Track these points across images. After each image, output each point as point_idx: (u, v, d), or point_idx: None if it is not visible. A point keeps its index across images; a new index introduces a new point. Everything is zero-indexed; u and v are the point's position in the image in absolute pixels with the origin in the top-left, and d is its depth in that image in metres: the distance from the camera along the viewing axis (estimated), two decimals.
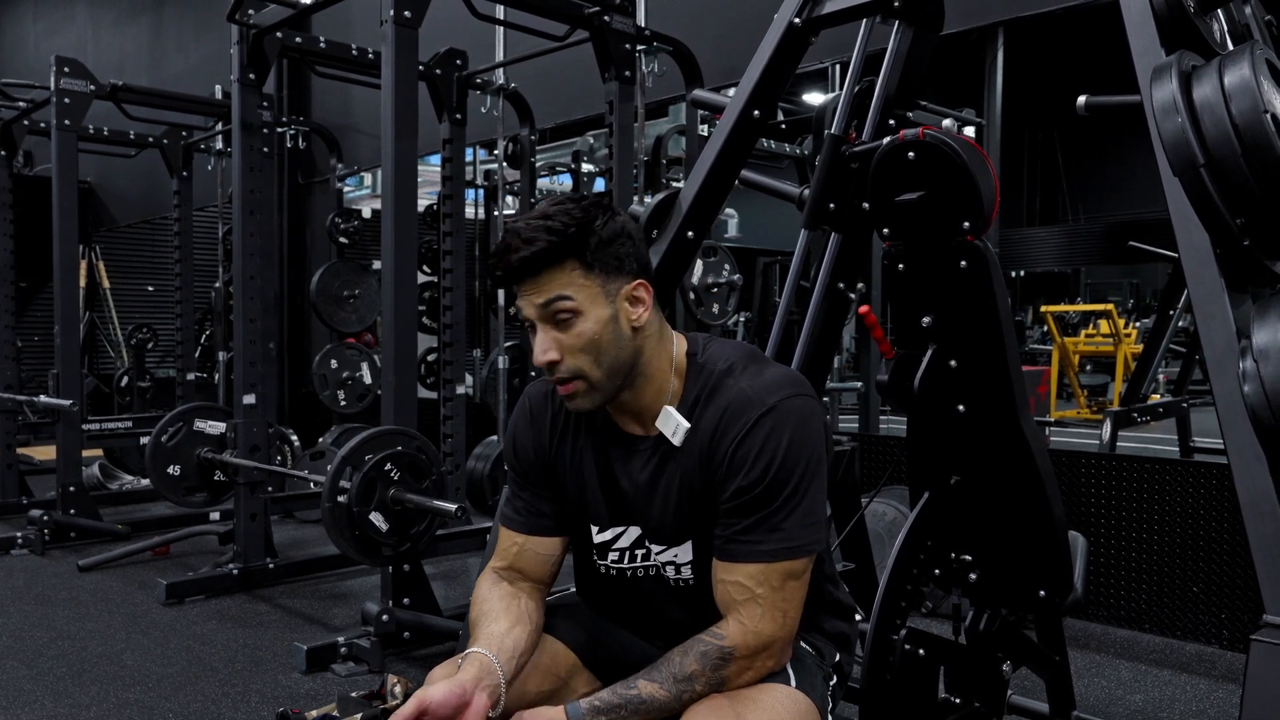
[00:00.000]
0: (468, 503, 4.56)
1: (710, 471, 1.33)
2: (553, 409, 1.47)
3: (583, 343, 1.30)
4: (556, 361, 1.31)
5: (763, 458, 1.28)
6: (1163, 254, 5.74)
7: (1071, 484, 3.45)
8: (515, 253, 1.28)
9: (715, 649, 1.28)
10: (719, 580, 1.32)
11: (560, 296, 1.29)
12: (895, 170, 1.65)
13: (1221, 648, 3.13)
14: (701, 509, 1.35)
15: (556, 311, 1.30)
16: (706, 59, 4.17)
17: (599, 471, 1.42)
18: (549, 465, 1.46)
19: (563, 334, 1.30)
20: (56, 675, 2.90)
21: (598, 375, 1.31)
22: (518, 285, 1.32)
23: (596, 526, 1.45)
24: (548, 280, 1.29)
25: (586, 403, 1.34)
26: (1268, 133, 1.36)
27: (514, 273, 1.30)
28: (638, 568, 1.44)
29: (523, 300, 1.32)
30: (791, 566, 1.29)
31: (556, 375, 1.32)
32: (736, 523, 1.30)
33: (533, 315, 1.31)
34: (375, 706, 1.46)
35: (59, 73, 4.69)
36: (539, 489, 1.48)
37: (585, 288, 1.30)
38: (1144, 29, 1.56)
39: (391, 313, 3.07)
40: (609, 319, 1.31)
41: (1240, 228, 1.41)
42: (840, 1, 1.98)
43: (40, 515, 4.58)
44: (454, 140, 4.57)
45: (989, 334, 1.64)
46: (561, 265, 1.29)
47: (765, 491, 1.28)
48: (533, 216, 1.30)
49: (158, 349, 7.93)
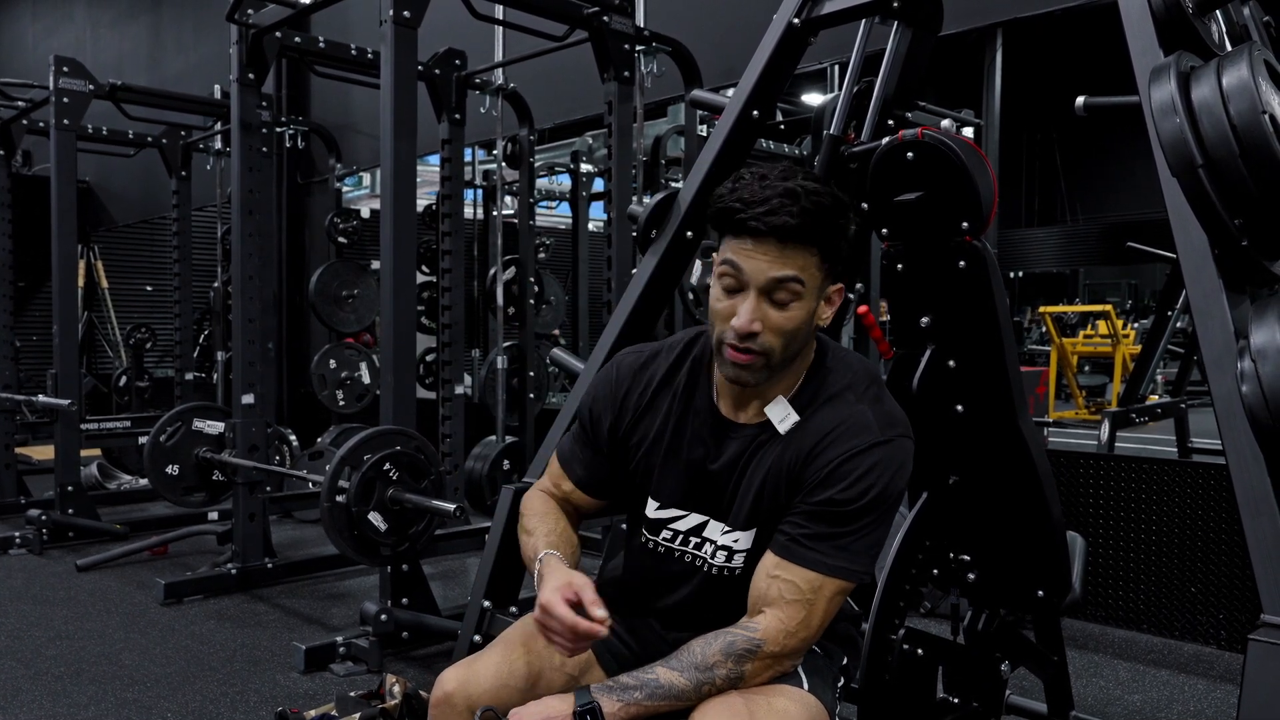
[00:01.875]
0: (466, 503, 4.55)
1: (803, 472, 1.33)
2: (641, 385, 1.46)
3: (790, 327, 1.29)
4: (757, 334, 1.28)
5: (863, 481, 1.29)
6: (1161, 255, 5.74)
7: (1070, 484, 3.45)
8: (779, 213, 1.24)
9: (744, 640, 1.28)
10: (770, 574, 1.31)
11: (797, 279, 1.27)
12: (894, 170, 1.65)
13: (1220, 648, 3.13)
14: (777, 502, 1.36)
15: (784, 290, 1.28)
16: (705, 59, 4.18)
17: (694, 453, 1.41)
18: (620, 438, 1.47)
19: (775, 312, 1.28)
20: (54, 675, 2.90)
21: (779, 358, 1.31)
22: (754, 240, 1.26)
23: (656, 502, 1.45)
24: (792, 255, 1.27)
25: (754, 377, 1.32)
26: (1266, 133, 1.36)
27: (768, 230, 1.25)
28: (687, 552, 1.44)
29: (749, 261, 1.27)
30: (844, 586, 1.31)
31: (745, 344, 1.29)
32: (809, 527, 1.31)
33: (757, 282, 1.27)
34: (373, 706, 1.47)
35: (58, 72, 4.69)
36: (599, 453, 1.49)
37: (815, 277, 1.30)
38: (1142, 30, 1.57)
39: (390, 313, 3.07)
40: (812, 312, 1.31)
41: (1238, 228, 1.41)
42: (839, 2, 1.98)
43: (38, 515, 4.58)
44: (453, 140, 4.57)
45: (987, 334, 1.64)
46: (809, 246, 1.27)
47: (852, 512, 1.30)
48: (799, 181, 1.26)
49: (156, 349, 7.93)
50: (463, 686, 1.37)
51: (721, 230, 1.31)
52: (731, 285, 1.30)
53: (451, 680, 1.39)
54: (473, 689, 1.37)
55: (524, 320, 4.93)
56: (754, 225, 1.25)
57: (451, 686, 1.38)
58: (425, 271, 5.76)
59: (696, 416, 1.42)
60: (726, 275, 1.30)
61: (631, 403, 1.46)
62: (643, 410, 1.45)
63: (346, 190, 7.04)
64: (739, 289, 1.29)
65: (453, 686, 1.38)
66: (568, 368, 2.55)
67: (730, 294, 1.30)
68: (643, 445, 1.45)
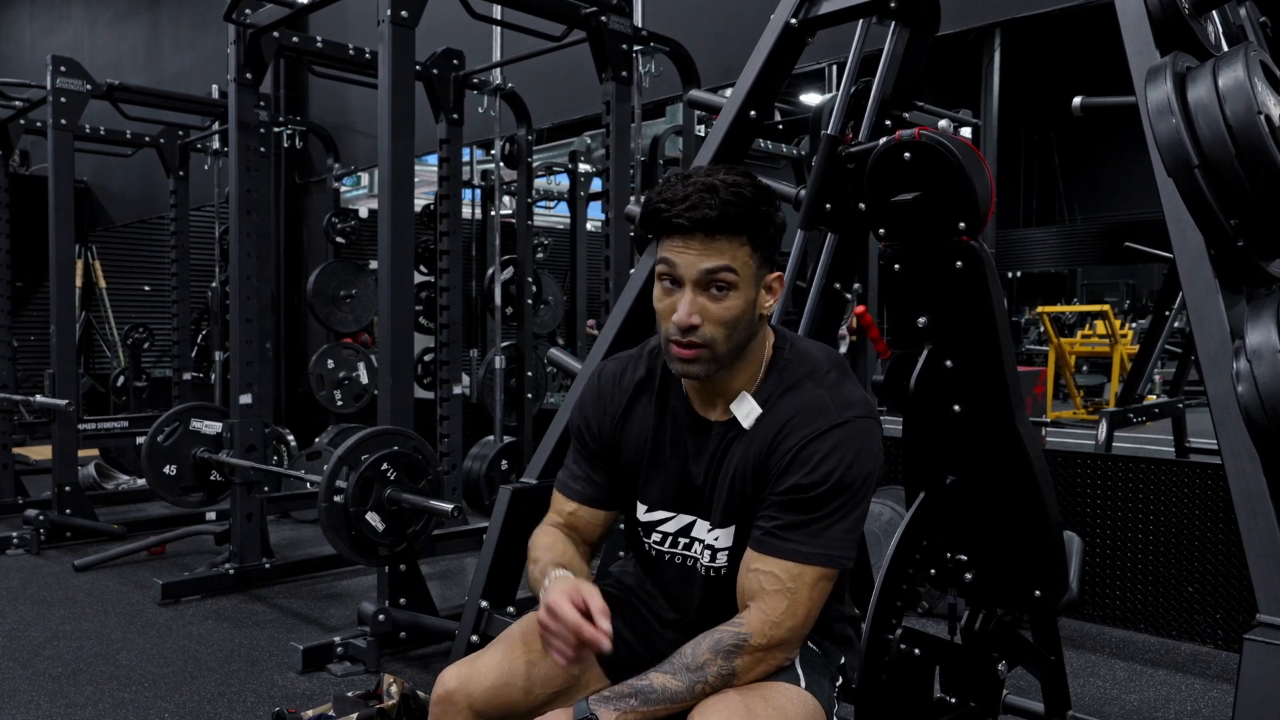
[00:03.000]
0: (464, 503, 4.55)
1: (766, 463, 1.35)
2: (622, 391, 1.49)
3: (729, 316, 1.31)
4: (697, 326, 1.31)
5: (825, 465, 1.31)
6: (1159, 255, 5.74)
7: (1067, 484, 3.45)
8: (700, 207, 1.28)
9: (730, 635, 1.30)
10: (751, 569, 1.33)
11: (728, 268, 1.30)
12: (891, 171, 1.65)
13: (1216, 647, 3.14)
14: (750, 495, 1.37)
15: (717, 280, 1.30)
16: (703, 59, 4.18)
17: (675, 455, 1.44)
18: (611, 444, 1.49)
19: (712, 303, 1.31)
20: (52, 675, 2.90)
21: (724, 349, 1.33)
22: (682, 237, 1.30)
23: (645, 505, 1.48)
24: (722, 246, 1.30)
25: (701, 370, 1.34)
26: (1261, 134, 1.36)
27: (694, 224, 1.29)
28: (677, 554, 1.47)
29: (681, 256, 1.30)
30: (825, 572, 1.32)
31: (689, 338, 1.32)
32: (780, 518, 1.32)
33: (690, 276, 1.30)
34: (371, 706, 1.47)
35: (55, 72, 4.69)
36: (596, 462, 1.51)
37: (747, 265, 1.32)
38: (1139, 30, 1.57)
39: (388, 313, 3.07)
40: (751, 301, 1.34)
41: (1234, 228, 1.41)
42: (836, 2, 1.99)
43: (36, 515, 4.57)
44: (451, 140, 4.57)
45: (984, 334, 1.64)
46: (738, 236, 1.30)
47: (819, 496, 1.31)
48: (719, 176, 1.30)
49: (154, 349, 7.92)
50: (464, 685, 1.38)
51: (655, 234, 1.35)
52: (669, 283, 1.33)
53: (453, 678, 1.39)
54: (473, 687, 1.37)
55: (522, 320, 4.93)
56: (679, 222, 1.29)
57: (452, 685, 1.38)
58: (423, 271, 5.76)
59: (674, 418, 1.46)
60: (664, 275, 1.33)
61: (617, 409, 1.49)
62: (626, 416, 1.49)
63: (344, 190, 7.03)
64: (676, 285, 1.32)
65: (454, 685, 1.38)
66: (565, 367, 2.55)
67: (669, 293, 1.33)
68: (629, 450, 1.48)
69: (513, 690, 1.38)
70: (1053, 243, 14.36)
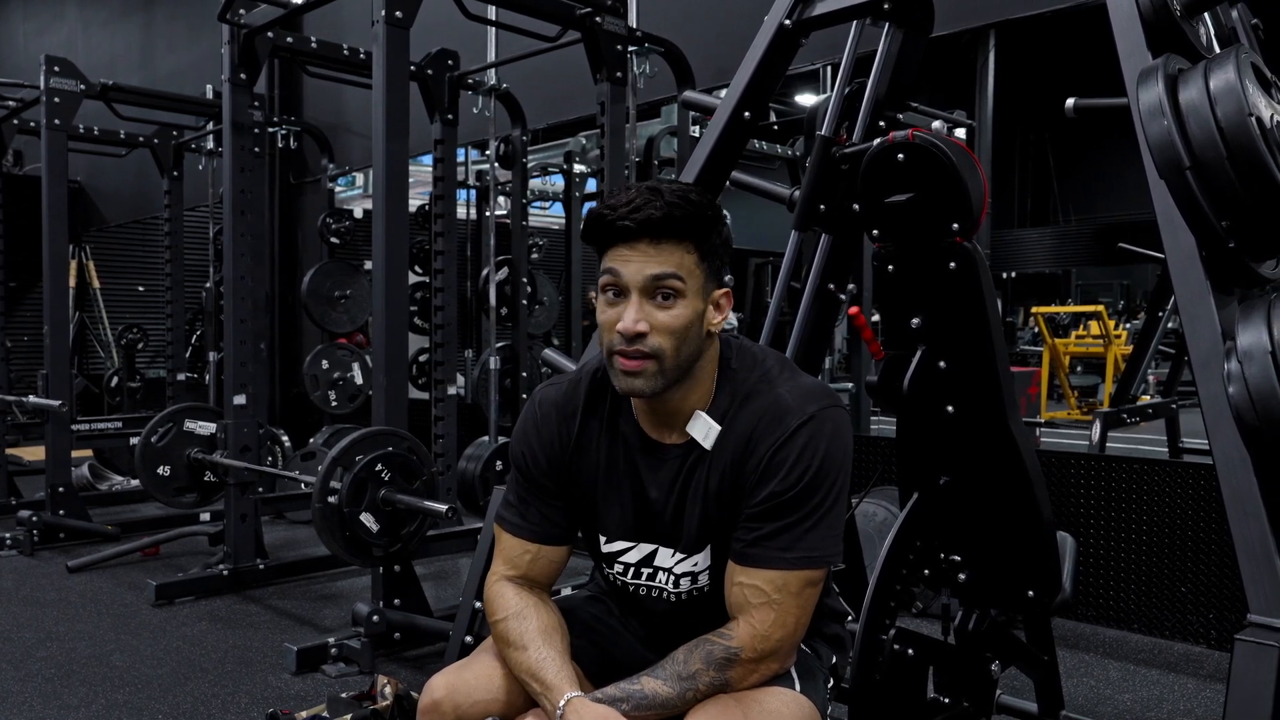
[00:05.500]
0: (459, 503, 4.55)
1: (742, 475, 1.31)
2: (568, 418, 1.42)
3: (677, 326, 1.27)
4: (644, 334, 1.26)
5: (799, 465, 1.28)
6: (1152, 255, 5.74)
7: (1061, 484, 3.46)
8: (644, 209, 1.25)
9: (721, 649, 1.28)
10: (735, 583, 1.31)
11: (675, 275, 1.26)
12: (885, 172, 1.65)
13: (1209, 647, 3.15)
14: (726, 514, 1.34)
15: (664, 288, 1.27)
16: (698, 60, 4.18)
17: (629, 482, 1.39)
18: (561, 474, 1.42)
19: (659, 312, 1.27)
20: (45, 676, 2.89)
21: (672, 363, 1.28)
22: (627, 243, 1.26)
23: (604, 537, 1.44)
24: (668, 252, 1.26)
25: (647, 385, 1.29)
26: (1252, 136, 1.37)
27: (639, 226, 1.25)
28: (640, 585, 1.43)
29: (626, 264, 1.27)
30: (811, 575, 1.29)
31: (635, 347, 1.27)
32: (761, 528, 1.29)
33: (635, 282, 1.26)
34: (365, 707, 1.46)
35: (49, 72, 4.68)
36: (550, 498, 1.43)
37: (695, 275, 1.28)
38: (1131, 32, 1.57)
39: (383, 313, 3.06)
40: (699, 314, 1.30)
41: (1226, 230, 1.42)
42: (831, 3, 1.99)
43: (29, 516, 4.56)
44: (446, 141, 4.56)
45: (978, 335, 1.65)
46: (685, 242, 1.27)
47: (797, 498, 1.28)
48: (664, 185, 1.28)
49: (148, 349, 7.91)
50: (451, 694, 1.37)
51: (599, 244, 1.30)
52: (613, 294, 1.29)
53: (440, 687, 1.38)
54: (460, 697, 1.36)
55: (517, 321, 4.93)
56: (623, 225, 1.25)
57: (440, 694, 1.37)
58: (418, 272, 5.76)
59: (625, 443, 1.40)
60: (608, 285, 1.29)
61: (569, 437, 1.42)
62: (580, 444, 1.42)
63: (339, 190, 7.02)
64: (621, 296, 1.28)
65: (441, 694, 1.37)
66: (560, 368, 2.55)
67: (613, 304, 1.29)
68: (585, 479, 1.42)
69: (500, 699, 1.37)
70: (1047, 243, 14.40)
